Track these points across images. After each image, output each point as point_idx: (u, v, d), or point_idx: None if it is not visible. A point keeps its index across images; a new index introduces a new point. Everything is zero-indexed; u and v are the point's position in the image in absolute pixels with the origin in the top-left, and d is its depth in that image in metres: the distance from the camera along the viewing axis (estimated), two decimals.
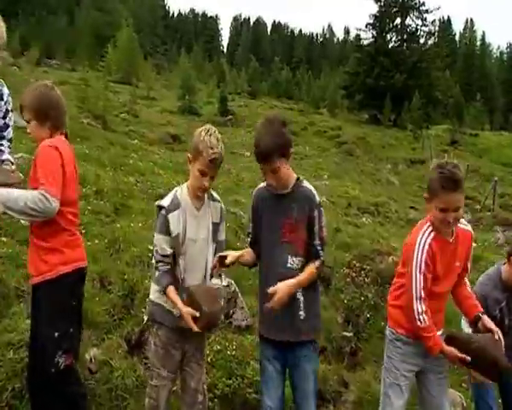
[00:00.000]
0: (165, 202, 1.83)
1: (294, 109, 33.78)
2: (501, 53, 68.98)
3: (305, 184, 1.89)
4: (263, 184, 1.93)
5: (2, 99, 2.20)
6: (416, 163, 22.28)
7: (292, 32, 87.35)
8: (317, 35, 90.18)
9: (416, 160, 22.64)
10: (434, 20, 33.05)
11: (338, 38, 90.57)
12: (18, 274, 2.67)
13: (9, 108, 2.25)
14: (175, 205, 1.81)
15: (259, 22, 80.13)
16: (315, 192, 1.88)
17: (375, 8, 32.09)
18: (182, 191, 1.86)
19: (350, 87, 33.59)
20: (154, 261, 1.89)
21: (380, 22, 31.27)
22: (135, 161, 6.98)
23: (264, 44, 74.27)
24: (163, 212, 1.81)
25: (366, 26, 32.37)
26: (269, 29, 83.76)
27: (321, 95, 38.10)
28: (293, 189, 1.85)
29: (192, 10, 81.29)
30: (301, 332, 1.83)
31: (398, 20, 32.13)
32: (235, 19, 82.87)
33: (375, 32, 31.92)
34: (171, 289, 1.79)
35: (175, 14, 77.82)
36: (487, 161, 27.14)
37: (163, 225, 1.81)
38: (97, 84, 12.52)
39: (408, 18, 31.91)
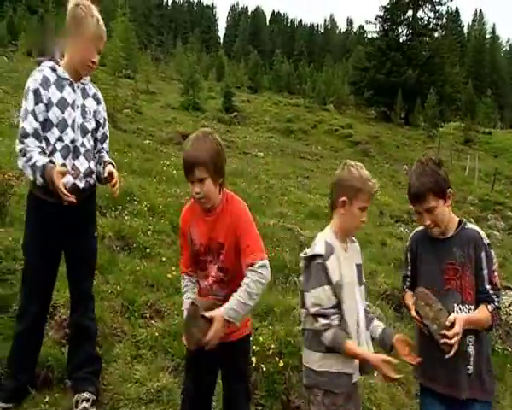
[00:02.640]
0: (319, 249, 1.71)
1: (301, 105, 33.69)
2: (511, 46, 69.74)
3: (470, 225, 1.80)
4: (421, 227, 1.87)
5: (100, 103, 1.96)
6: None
7: (292, 22, 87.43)
8: (317, 26, 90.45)
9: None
10: (444, 12, 33.14)
11: (340, 30, 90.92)
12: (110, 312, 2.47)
13: (105, 116, 2.02)
14: (330, 250, 1.72)
15: (258, 12, 80.00)
16: (482, 233, 1.78)
17: (385, 0, 32.06)
18: (329, 236, 1.76)
19: (358, 83, 33.54)
20: (316, 325, 1.68)
21: (391, 15, 31.25)
22: (167, 168, 6.75)
23: (263, 36, 74.19)
24: (319, 260, 1.69)
25: (376, 19, 32.34)
26: (267, 19, 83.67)
27: (325, 89, 38.10)
28: (456, 232, 1.77)
29: None
30: (469, 389, 1.71)
31: (409, 13, 32.15)
32: (232, 8, 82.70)
33: (385, 25, 31.89)
34: (349, 343, 1.64)
35: (169, 3, 77.43)
36: (504, 161, 27.32)
37: (322, 275, 1.68)
38: (105, 80, 12.22)
39: (420, 10, 31.94)
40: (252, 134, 20.06)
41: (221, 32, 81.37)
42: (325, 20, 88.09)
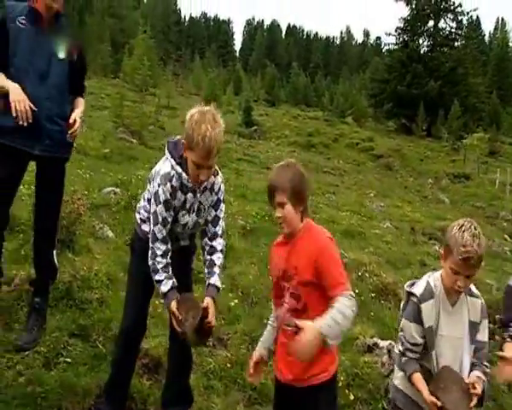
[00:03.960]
0: (418, 289, 1.77)
1: (319, 118, 33.82)
2: None
3: None
4: None
5: (218, 193, 1.95)
6: (461, 177, 21.89)
7: (308, 35, 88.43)
8: (333, 38, 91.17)
9: (460, 174, 22.23)
10: (465, 22, 32.84)
11: (356, 41, 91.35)
12: None
13: (221, 198, 1.97)
14: (429, 294, 1.76)
15: (274, 26, 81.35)
16: None
17: (405, 12, 32.13)
18: (435, 280, 1.79)
19: (378, 95, 33.49)
20: (399, 346, 1.83)
21: (411, 26, 31.26)
22: None
23: (279, 49, 75.21)
24: (414, 300, 1.76)
25: (396, 31, 32.40)
26: (283, 33, 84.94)
27: (343, 102, 38.18)
28: None
29: (204, 14, 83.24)
30: None
31: (430, 24, 32.11)
32: (249, 23, 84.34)
33: (405, 37, 31.89)
34: (417, 377, 1.74)
35: (186, 19, 79.67)
36: None
37: (415, 313, 1.76)
38: (133, 97, 12.60)
39: (441, 21, 31.85)
40: (273, 149, 20.21)
41: (237, 46, 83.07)
42: (341, 32, 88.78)
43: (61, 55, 2.08)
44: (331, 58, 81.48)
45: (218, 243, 1.98)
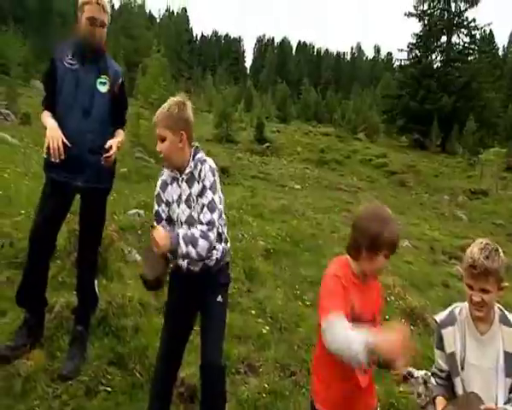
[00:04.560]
0: (440, 316, 1.83)
1: (331, 134, 33.96)
2: None
3: None
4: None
5: (200, 177, 1.85)
6: (478, 194, 21.58)
7: (318, 52, 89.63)
8: (343, 54, 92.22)
9: (477, 190, 21.93)
10: (478, 36, 32.92)
11: (367, 57, 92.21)
12: None
13: (207, 185, 1.81)
14: (450, 321, 1.79)
15: (284, 43, 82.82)
16: None
17: (417, 27, 32.45)
18: (461, 308, 1.80)
19: (391, 111, 33.60)
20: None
21: (424, 42, 31.50)
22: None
23: (289, 66, 76.33)
24: (436, 326, 1.83)
25: (408, 46, 32.67)
26: (294, 50, 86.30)
27: (355, 118, 38.35)
28: None
29: (215, 33, 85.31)
30: None
31: (443, 39, 32.31)
32: (259, 40, 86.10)
33: (418, 53, 32.11)
34: (439, 400, 1.78)
35: (198, 37, 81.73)
36: None
37: (438, 340, 1.81)
38: (150, 116, 12.87)
39: (455, 36, 32.02)
40: (286, 166, 20.34)
41: (248, 63, 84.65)
42: (352, 48, 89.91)
43: (103, 89, 2.19)
44: (342, 74, 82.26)
45: (196, 228, 1.78)
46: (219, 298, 1.96)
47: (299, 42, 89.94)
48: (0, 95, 17.67)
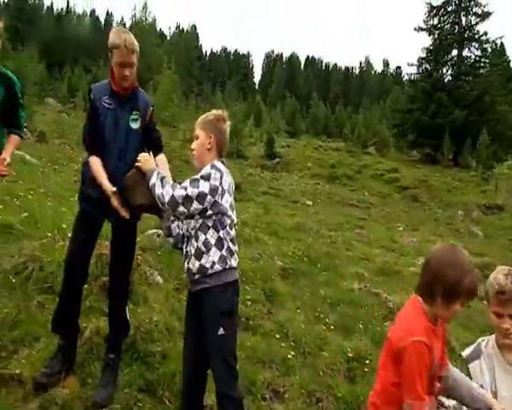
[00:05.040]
0: (466, 351, 1.82)
1: (341, 149, 34.03)
2: None
3: None
4: None
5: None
6: (493, 209, 21.27)
7: (327, 66, 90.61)
8: (352, 68, 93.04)
9: (492, 205, 21.61)
10: (487, 49, 32.76)
11: (376, 71, 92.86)
12: None
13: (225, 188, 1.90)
14: (476, 354, 1.78)
15: (293, 58, 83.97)
16: None
17: (427, 41, 32.58)
18: (488, 341, 1.79)
19: (401, 125, 33.59)
20: None
21: (434, 56, 31.60)
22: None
23: (298, 80, 77.20)
24: (464, 362, 1.82)
25: (418, 61, 32.81)
26: (302, 65, 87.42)
27: (365, 132, 38.43)
28: None
29: (224, 49, 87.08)
30: None
31: (454, 53, 32.39)
32: (268, 56, 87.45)
33: (428, 67, 32.21)
34: None
35: (207, 54, 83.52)
36: None
37: (466, 375, 1.77)
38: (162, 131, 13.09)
39: (466, 49, 32.08)
40: (297, 181, 20.39)
41: (256, 78, 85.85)
42: (360, 63, 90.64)
43: (135, 126, 2.27)
44: (351, 88, 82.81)
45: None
46: (221, 330, 1.85)
47: (308, 57, 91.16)
48: None
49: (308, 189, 18.89)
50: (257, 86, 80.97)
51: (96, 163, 2.18)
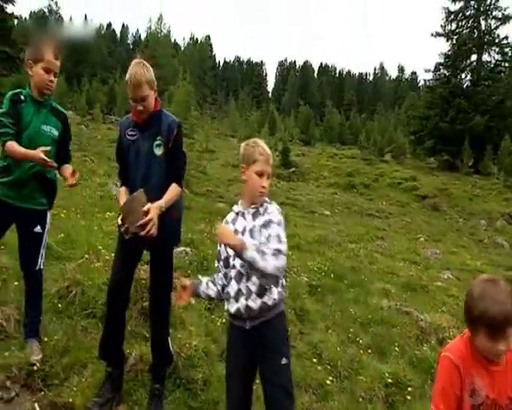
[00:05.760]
0: None
1: (357, 157, 33.82)
2: None
3: None
4: None
5: (266, 212, 1.98)
6: None
7: (340, 73, 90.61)
8: (366, 75, 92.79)
9: None
10: (507, 53, 32.12)
11: (390, 77, 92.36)
12: None
13: (274, 219, 1.89)
14: None
15: (306, 66, 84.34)
16: None
17: (445, 47, 32.22)
18: None
19: (419, 132, 33.21)
20: None
21: (453, 61, 31.23)
22: None
23: (311, 88, 77.38)
24: None
25: (436, 67, 32.50)
26: (316, 72, 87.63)
27: (380, 139, 38.12)
28: None
29: (237, 58, 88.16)
30: None
31: (473, 57, 31.96)
32: (281, 64, 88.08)
33: (447, 72, 31.85)
34: None
35: (221, 63, 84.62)
36: None
37: None
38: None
39: (485, 54, 31.62)
40: (314, 191, 20.34)
41: (269, 86, 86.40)
42: (375, 69, 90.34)
43: (159, 152, 2.25)
44: (365, 95, 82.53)
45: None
46: (284, 360, 1.83)
47: (321, 64, 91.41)
48: None
49: (325, 198, 18.80)
50: (270, 94, 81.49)
51: (121, 193, 2.28)
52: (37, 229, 2.33)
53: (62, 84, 30.40)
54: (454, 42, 31.29)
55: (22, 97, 2.23)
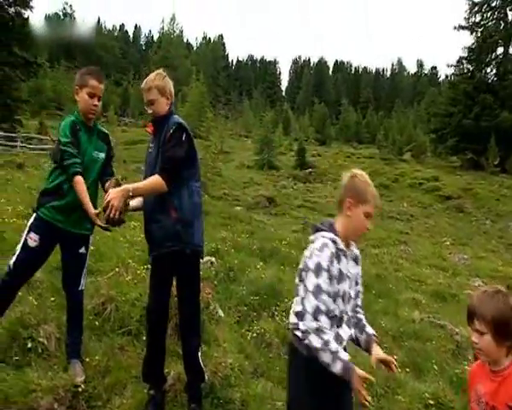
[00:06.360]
0: None
1: (375, 156, 33.44)
2: None
3: None
4: None
5: (359, 264, 1.94)
6: None
7: (356, 70, 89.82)
8: (383, 70, 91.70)
9: None
10: None
11: (409, 73, 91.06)
12: None
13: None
14: None
15: (321, 63, 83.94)
16: None
17: (469, 40, 31.54)
18: None
19: (441, 130, 32.59)
20: None
21: (477, 55, 30.54)
22: (284, 247, 6.97)
23: (326, 86, 76.94)
24: None
25: (459, 61, 31.84)
26: (331, 69, 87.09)
27: (399, 138, 37.58)
28: None
29: (250, 57, 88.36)
30: None
31: (499, 50, 31.21)
32: (295, 62, 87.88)
33: (470, 67, 31.17)
34: None
35: (233, 62, 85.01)
36: None
37: None
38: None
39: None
40: (332, 193, 20.16)
41: (283, 85, 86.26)
42: (392, 64, 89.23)
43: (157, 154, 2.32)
44: (382, 91, 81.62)
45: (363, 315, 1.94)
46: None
47: (336, 61, 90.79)
48: (55, 130, 19.22)
49: None
50: (284, 93, 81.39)
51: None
52: (82, 250, 2.40)
53: None
54: (479, 35, 30.59)
55: (78, 126, 2.32)
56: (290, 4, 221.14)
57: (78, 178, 2.18)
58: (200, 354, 2.40)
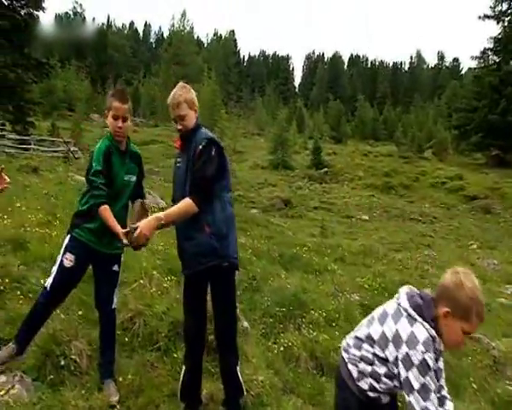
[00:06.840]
0: None
1: (394, 155, 33.03)
2: None
3: None
4: None
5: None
6: None
7: (372, 64, 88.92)
8: (401, 64, 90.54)
9: None
10: None
11: (428, 65, 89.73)
12: None
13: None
14: None
15: (335, 57, 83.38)
16: None
17: (495, 30, 30.88)
18: None
19: (464, 126, 32.00)
20: None
21: (504, 45, 29.86)
22: (305, 253, 6.94)
23: (341, 81, 76.37)
24: None
25: (484, 52, 31.19)
26: (346, 64, 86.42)
27: (418, 134, 37.02)
28: None
29: (262, 52, 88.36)
30: None
31: None
32: (308, 57, 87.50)
33: (496, 58, 30.50)
34: None
35: (245, 58, 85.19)
36: None
37: None
38: None
39: None
40: (349, 193, 20.05)
41: (296, 81, 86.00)
42: (411, 57, 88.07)
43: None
44: (400, 86, 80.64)
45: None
46: None
47: (352, 55, 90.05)
48: (66, 131, 19.60)
49: (362, 202, 18.49)
50: (297, 90, 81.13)
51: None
52: (115, 268, 2.44)
53: (88, 88, 31.54)
54: (505, 24, 29.89)
55: (111, 150, 2.37)
56: None
57: (103, 208, 2.25)
58: (238, 368, 2.41)
